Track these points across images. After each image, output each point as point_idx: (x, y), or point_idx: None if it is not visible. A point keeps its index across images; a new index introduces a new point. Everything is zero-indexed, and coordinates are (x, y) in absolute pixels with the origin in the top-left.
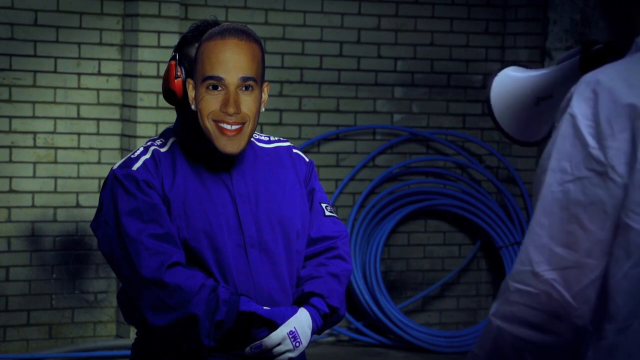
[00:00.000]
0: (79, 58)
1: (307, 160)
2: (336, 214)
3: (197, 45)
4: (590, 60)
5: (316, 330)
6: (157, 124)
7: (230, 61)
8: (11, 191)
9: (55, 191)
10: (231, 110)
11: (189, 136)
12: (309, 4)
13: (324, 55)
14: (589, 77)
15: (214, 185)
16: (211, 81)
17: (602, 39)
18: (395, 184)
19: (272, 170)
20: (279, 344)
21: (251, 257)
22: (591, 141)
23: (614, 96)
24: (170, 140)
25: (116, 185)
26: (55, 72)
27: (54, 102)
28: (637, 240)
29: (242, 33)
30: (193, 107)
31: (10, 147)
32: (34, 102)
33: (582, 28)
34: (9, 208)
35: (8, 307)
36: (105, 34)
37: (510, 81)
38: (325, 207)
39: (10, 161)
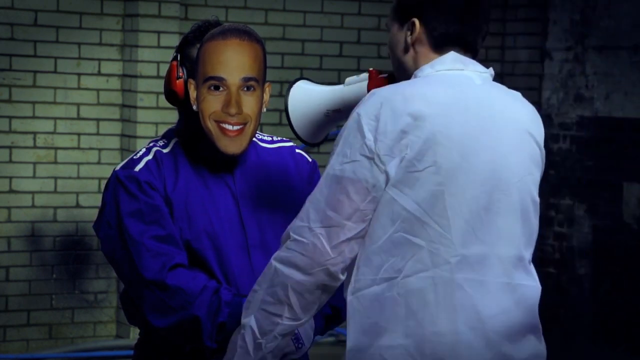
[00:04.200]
0: (79, 58)
1: (310, 160)
2: None
3: (198, 45)
4: (377, 86)
5: (319, 332)
6: (157, 124)
7: (232, 61)
8: (11, 191)
9: (55, 191)
10: (233, 110)
11: (191, 137)
12: (309, 4)
13: (324, 55)
14: (377, 90)
15: (216, 186)
16: (213, 81)
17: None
18: None
19: (275, 171)
20: None
21: (254, 258)
22: (368, 135)
23: (392, 106)
24: (173, 141)
25: (118, 186)
26: (55, 72)
27: (54, 102)
28: (399, 211)
29: (244, 33)
30: (194, 107)
31: (10, 147)
32: (34, 102)
33: (582, 28)
34: (9, 208)
35: (8, 307)
36: (105, 34)
37: (305, 93)
38: None
39: (10, 161)
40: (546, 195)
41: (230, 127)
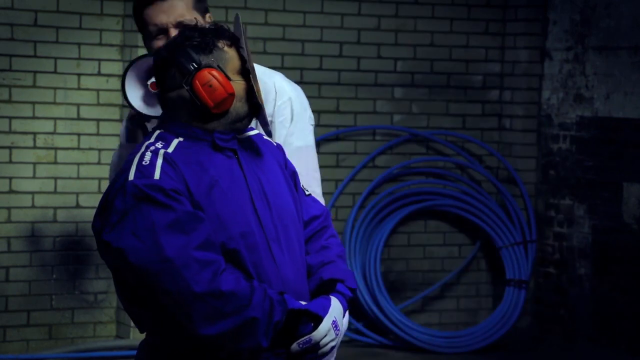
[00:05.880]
0: (79, 58)
1: (275, 143)
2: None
3: (214, 50)
4: None
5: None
6: None
7: None
8: (11, 192)
9: (55, 192)
10: None
11: (197, 134)
12: (309, 5)
13: (324, 55)
14: (278, 76)
15: (233, 185)
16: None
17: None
18: (395, 185)
19: (260, 161)
20: (325, 336)
21: (274, 251)
22: (307, 110)
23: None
24: (175, 142)
25: (141, 197)
26: (55, 72)
27: (54, 103)
28: None
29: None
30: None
31: (10, 148)
32: (34, 103)
33: (582, 28)
34: (9, 208)
35: (8, 308)
36: (105, 35)
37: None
38: (303, 186)
39: (10, 162)
40: (546, 195)
41: None
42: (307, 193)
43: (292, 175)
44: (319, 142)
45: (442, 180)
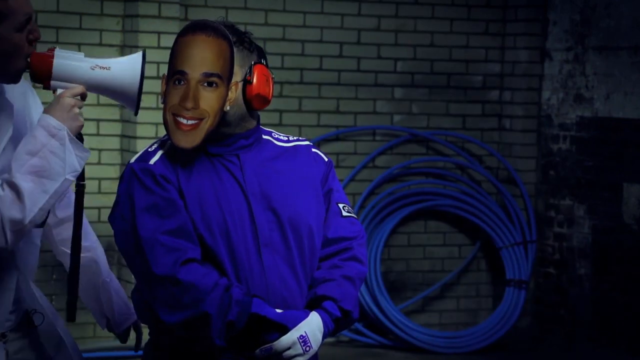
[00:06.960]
0: None
1: (325, 159)
2: (355, 214)
3: None
4: None
5: (328, 334)
6: (157, 124)
7: (196, 56)
8: None
9: None
10: (189, 105)
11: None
12: (309, 5)
13: (324, 56)
14: None
15: (229, 184)
16: (177, 76)
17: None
18: (395, 185)
19: (288, 169)
20: (289, 348)
21: (265, 256)
22: None
23: None
24: None
25: (133, 179)
26: None
27: None
28: None
29: (211, 29)
30: (161, 101)
31: None
32: None
33: (582, 28)
34: None
35: None
36: (105, 35)
37: None
38: (343, 207)
39: None
40: (546, 196)
41: (184, 121)
42: (343, 214)
43: (327, 192)
44: (319, 142)
45: (442, 181)
